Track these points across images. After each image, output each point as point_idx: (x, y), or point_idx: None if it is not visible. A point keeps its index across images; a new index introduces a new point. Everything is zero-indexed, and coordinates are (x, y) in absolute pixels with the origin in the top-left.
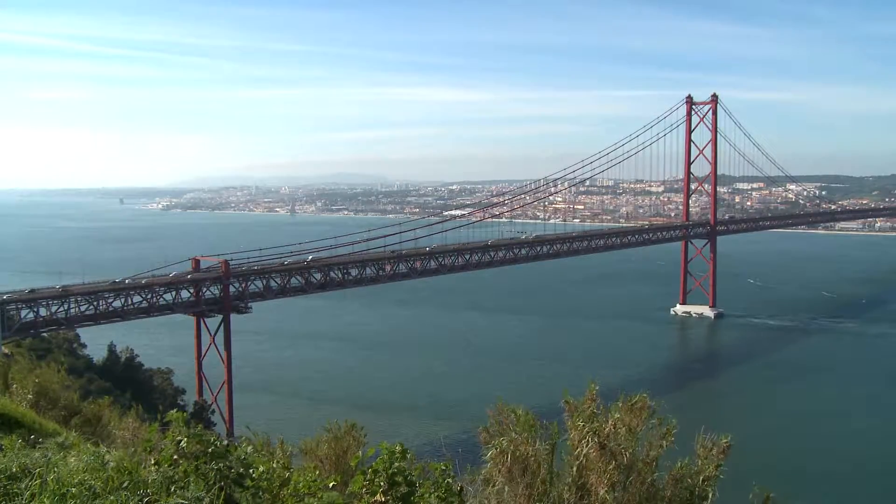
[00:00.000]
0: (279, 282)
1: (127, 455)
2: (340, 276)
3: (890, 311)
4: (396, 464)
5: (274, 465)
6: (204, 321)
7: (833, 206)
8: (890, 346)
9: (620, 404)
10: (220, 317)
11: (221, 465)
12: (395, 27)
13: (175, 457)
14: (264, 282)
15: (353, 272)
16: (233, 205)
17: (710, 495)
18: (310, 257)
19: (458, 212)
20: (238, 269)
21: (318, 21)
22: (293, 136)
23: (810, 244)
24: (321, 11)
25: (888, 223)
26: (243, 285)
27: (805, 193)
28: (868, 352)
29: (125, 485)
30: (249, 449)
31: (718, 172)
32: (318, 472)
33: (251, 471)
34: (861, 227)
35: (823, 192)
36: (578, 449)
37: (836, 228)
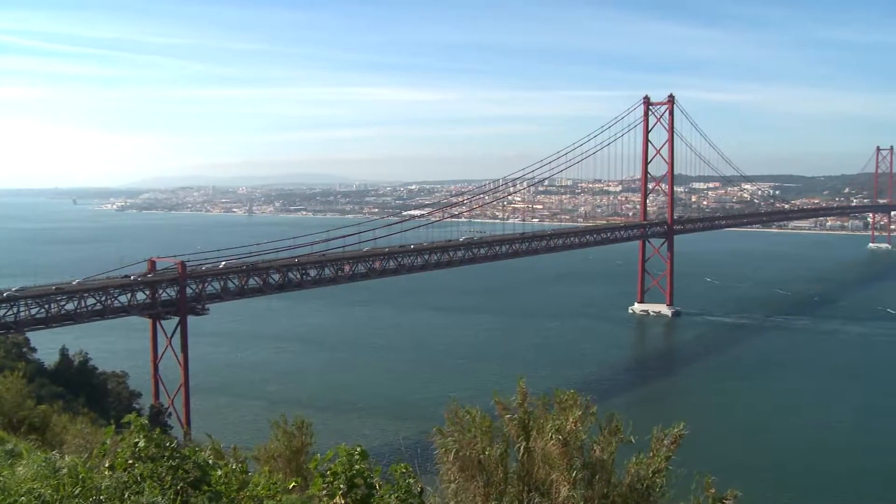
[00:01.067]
0: (237, 283)
1: (80, 461)
2: (299, 276)
3: (841, 309)
4: (356, 466)
5: (232, 468)
6: (160, 323)
7: (786, 206)
8: (841, 343)
9: (559, 400)
10: (176, 319)
11: (178, 468)
12: (358, 27)
13: (130, 461)
14: (222, 283)
15: (312, 273)
16: (189, 205)
17: (660, 486)
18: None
19: (417, 212)
20: (195, 271)
21: (282, 20)
22: (252, 135)
23: (765, 243)
24: (286, 11)
25: (838, 222)
26: (200, 287)
27: (759, 193)
28: (820, 348)
29: (77, 492)
30: (207, 452)
31: (675, 172)
32: (277, 475)
33: (209, 474)
34: (813, 225)
35: (777, 192)
36: (525, 442)
37: (789, 227)
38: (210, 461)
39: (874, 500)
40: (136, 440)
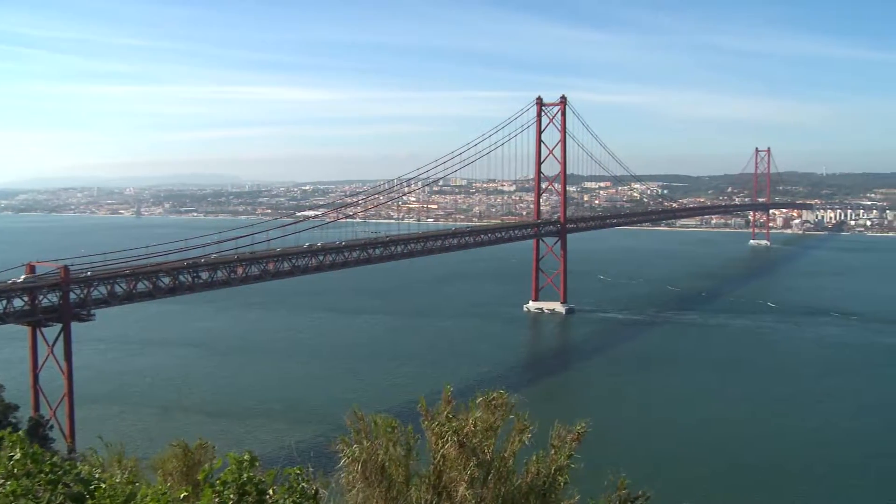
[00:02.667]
0: (125, 287)
1: None
2: (190, 279)
3: (726, 303)
4: (245, 474)
5: (118, 481)
6: (41, 331)
7: (674, 205)
8: (728, 336)
9: (479, 401)
10: (59, 326)
11: (57, 483)
12: (248, 25)
13: (1, 479)
14: (108, 287)
15: (204, 276)
16: (72, 206)
17: (563, 484)
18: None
19: (311, 212)
20: (79, 275)
21: (170, 16)
22: (138, 134)
23: (654, 241)
24: (173, 6)
25: (722, 220)
26: (85, 291)
27: (649, 192)
28: (708, 341)
29: None
30: (89, 466)
31: (568, 172)
32: (167, 486)
33: (92, 487)
34: (699, 223)
35: (665, 191)
36: (437, 449)
37: (677, 225)
38: (94, 474)
39: (763, 487)
40: (12, 454)
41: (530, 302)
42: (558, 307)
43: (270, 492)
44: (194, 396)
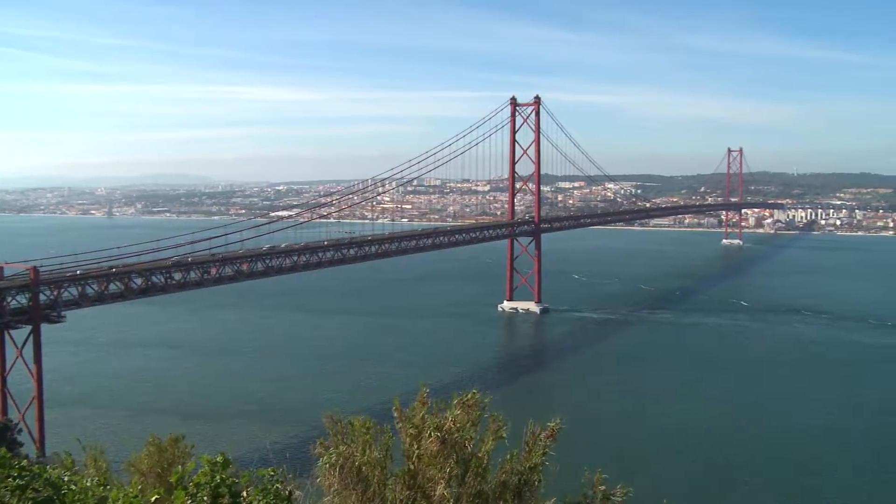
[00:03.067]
0: (96, 288)
1: None
2: (163, 280)
3: (700, 302)
4: (219, 475)
5: (89, 484)
6: (9, 333)
7: (647, 204)
8: (702, 334)
9: (455, 402)
10: (28, 328)
11: (26, 487)
12: (223, 24)
13: None
14: (79, 288)
15: (177, 276)
16: (42, 207)
17: (537, 482)
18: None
19: (285, 212)
20: (49, 276)
21: (145, 14)
22: (111, 134)
23: (628, 240)
24: (148, 5)
25: (695, 220)
26: (55, 293)
27: (622, 192)
28: (682, 340)
29: None
30: (59, 469)
31: (542, 172)
32: (139, 488)
33: (62, 491)
34: (672, 223)
35: (639, 191)
36: (413, 447)
37: (651, 225)
38: (64, 477)
39: (736, 484)
40: None
41: (505, 302)
42: (533, 307)
43: (244, 494)
44: (167, 398)
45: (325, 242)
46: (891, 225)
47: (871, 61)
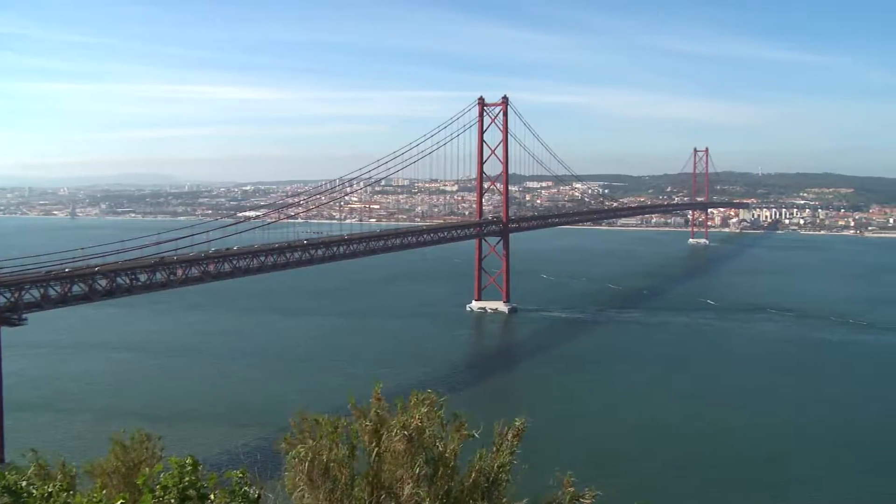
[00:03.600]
0: (59, 290)
1: None
2: (129, 281)
3: (667, 301)
4: (187, 478)
5: (51, 489)
6: None
7: (615, 204)
8: (669, 333)
9: (412, 400)
10: None
11: None
12: (190, 23)
13: None
14: (41, 290)
15: (143, 277)
16: (2, 208)
17: (505, 481)
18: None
19: (252, 213)
20: (9, 278)
21: (111, 13)
22: (74, 133)
23: (596, 240)
24: (122, 5)
25: (662, 219)
26: (16, 295)
27: (590, 192)
28: (650, 339)
29: None
30: (18, 475)
31: (510, 172)
32: (104, 492)
33: (22, 498)
34: (639, 222)
35: (606, 191)
36: (373, 444)
37: (618, 224)
38: (23, 483)
39: (704, 482)
40: None
41: (473, 301)
42: (501, 306)
43: (212, 496)
44: (133, 401)
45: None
46: (852, 224)
47: (829, 62)
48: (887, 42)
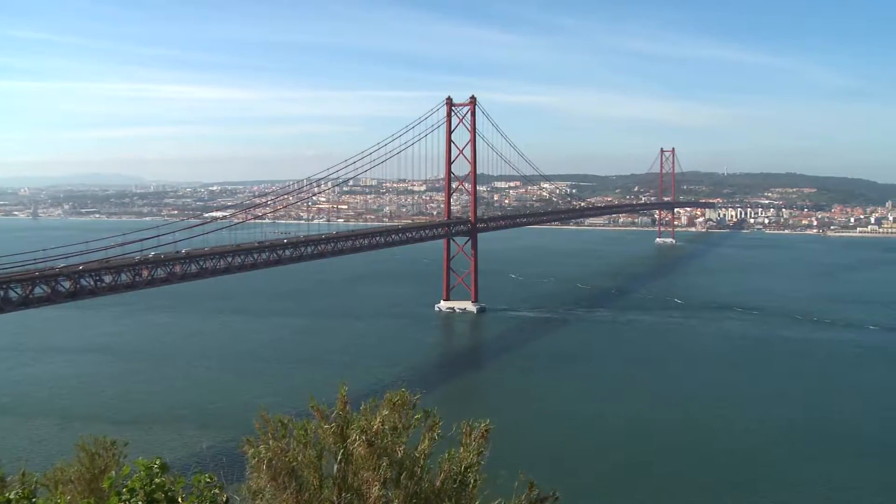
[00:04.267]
0: (20, 292)
1: None
2: (93, 283)
3: (636, 300)
4: (156, 480)
5: (11, 497)
6: None
7: (582, 204)
8: (637, 332)
9: (384, 401)
10: None
11: None
12: (151, 20)
13: None
14: (1, 293)
15: (107, 279)
16: None
17: (474, 482)
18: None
19: (219, 213)
20: None
21: (68, 8)
22: (34, 132)
23: (564, 239)
24: (80, 2)
25: (629, 219)
26: None
27: (558, 192)
28: (618, 338)
29: None
30: None
31: (478, 172)
32: (67, 499)
33: None
34: (607, 222)
35: (574, 191)
36: (338, 445)
37: (586, 224)
38: None
39: (669, 482)
40: None
41: (442, 301)
42: (470, 306)
43: (179, 500)
44: (97, 405)
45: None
46: (814, 223)
47: (789, 65)
48: (837, 45)
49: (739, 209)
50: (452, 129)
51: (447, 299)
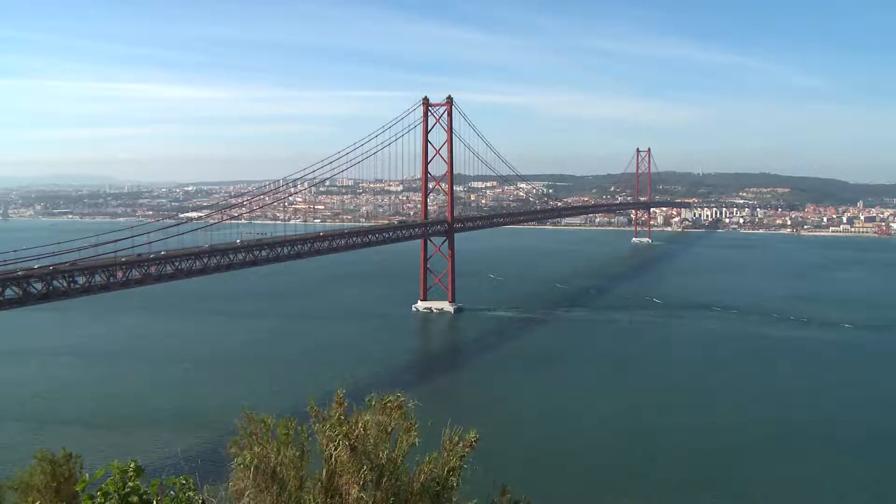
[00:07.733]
0: None
1: None
2: (66, 284)
3: (613, 300)
4: (130, 483)
5: None
6: None
7: (559, 204)
8: (616, 332)
9: (374, 404)
10: None
11: None
12: (127, 18)
13: None
14: None
15: (81, 280)
16: None
17: (455, 485)
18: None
19: (194, 214)
20: None
21: (32, 3)
22: (5, 131)
23: (541, 239)
24: None
25: (606, 218)
26: None
27: (534, 192)
28: (597, 337)
29: None
30: None
31: (455, 172)
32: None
33: None
34: (583, 222)
35: (550, 191)
36: (327, 452)
37: (563, 224)
38: None
39: (645, 484)
40: None
41: (419, 302)
42: (447, 307)
43: (155, 502)
44: (71, 408)
45: (240, 242)
46: (789, 223)
47: (759, 65)
48: (806, 46)
49: (715, 209)
50: (429, 129)
51: (424, 300)
